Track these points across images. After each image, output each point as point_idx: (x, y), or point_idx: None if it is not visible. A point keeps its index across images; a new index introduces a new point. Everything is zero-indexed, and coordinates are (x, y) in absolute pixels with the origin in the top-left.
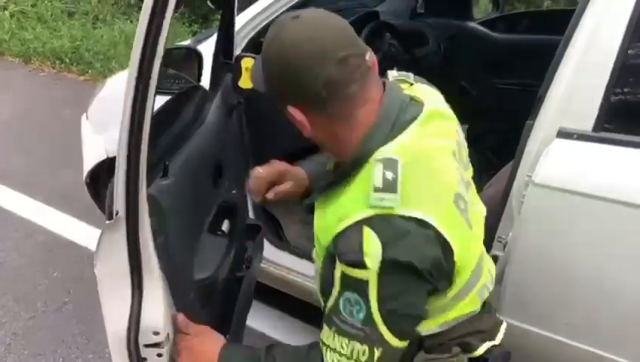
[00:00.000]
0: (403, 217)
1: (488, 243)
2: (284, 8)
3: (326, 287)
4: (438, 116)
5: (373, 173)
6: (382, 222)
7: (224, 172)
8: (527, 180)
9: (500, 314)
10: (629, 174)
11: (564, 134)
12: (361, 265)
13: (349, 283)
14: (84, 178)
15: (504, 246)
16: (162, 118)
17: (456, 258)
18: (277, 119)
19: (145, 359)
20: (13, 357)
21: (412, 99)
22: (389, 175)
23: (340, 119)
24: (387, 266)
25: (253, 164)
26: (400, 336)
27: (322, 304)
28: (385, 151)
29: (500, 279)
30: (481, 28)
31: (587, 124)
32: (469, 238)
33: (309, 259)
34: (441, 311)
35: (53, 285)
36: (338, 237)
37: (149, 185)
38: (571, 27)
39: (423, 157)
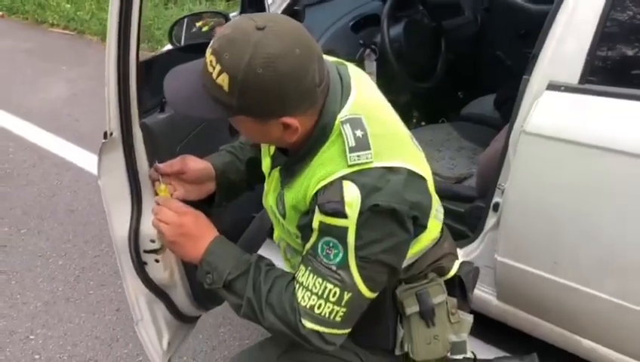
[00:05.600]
0: (379, 168)
1: (491, 190)
2: None
3: (305, 233)
4: (358, 70)
5: (344, 134)
6: (360, 176)
7: None
8: (520, 130)
9: (497, 255)
10: (611, 122)
11: (552, 87)
12: (341, 214)
13: (328, 230)
14: None
15: (502, 193)
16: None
17: (430, 187)
18: None
19: (145, 263)
20: (81, 286)
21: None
22: (359, 133)
23: (320, 103)
24: (367, 213)
25: None
26: (371, 286)
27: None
28: (345, 113)
29: (497, 223)
30: None
31: (574, 78)
32: (429, 172)
33: None
34: (410, 245)
35: None
36: (318, 193)
37: (146, 117)
38: None
39: (372, 108)
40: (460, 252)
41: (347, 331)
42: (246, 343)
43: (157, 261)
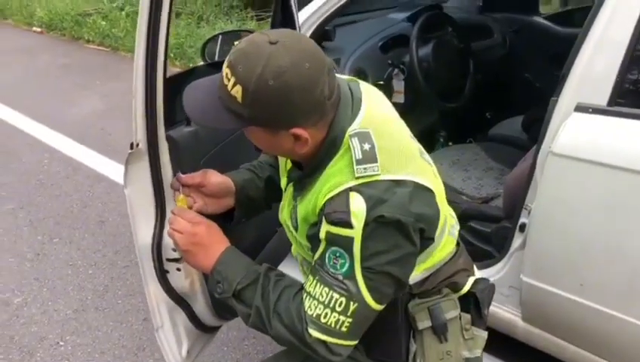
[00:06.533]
0: (385, 181)
1: (518, 211)
2: None
3: (313, 243)
4: (369, 87)
5: (352, 146)
6: (367, 187)
7: None
8: (548, 151)
9: (522, 276)
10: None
11: (580, 108)
12: (347, 225)
13: (334, 240)
14: None
15: (529, 213)
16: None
17: (437, 200)
18: None
19: (167, 271)
20: (109, 295)
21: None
22: (367, 146)
23: (330, 116)
24: (373, 225)
25: None
26: (376, 297)
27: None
28: (354, 126)
29: (523, 243)
30: (545, 22)
31: (602, 99)
32: (440, 186)
33: None
34: (422, 259)
35: None
36: (325, 203)
37: (172, 130)
38: (592, 13)
39: (381, 123)
40: (485, 272)
41: (353, 342)
42: None
43: (178, 269)
